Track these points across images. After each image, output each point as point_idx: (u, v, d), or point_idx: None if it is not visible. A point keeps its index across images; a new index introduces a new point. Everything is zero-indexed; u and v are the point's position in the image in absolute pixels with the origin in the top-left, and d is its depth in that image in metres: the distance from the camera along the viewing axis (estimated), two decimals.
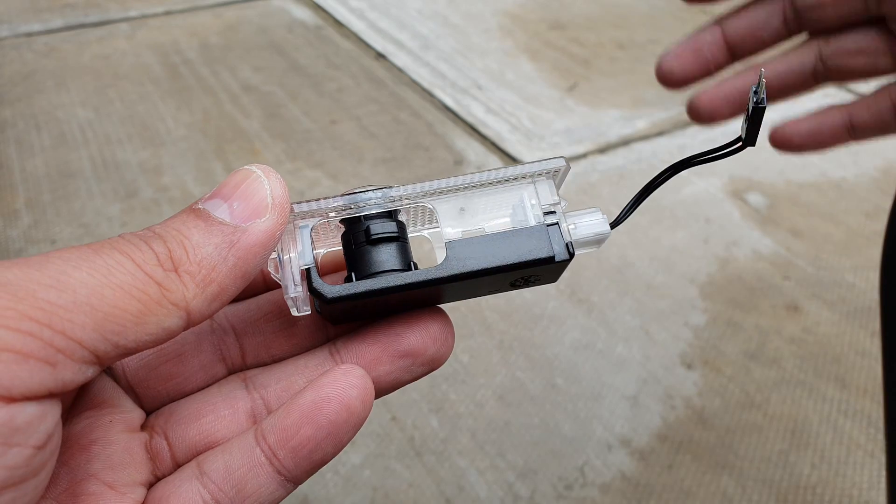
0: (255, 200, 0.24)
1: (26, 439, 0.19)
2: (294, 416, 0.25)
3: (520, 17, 2.01)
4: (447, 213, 0.28)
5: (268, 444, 0.25)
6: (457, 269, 0.27)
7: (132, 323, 0.21)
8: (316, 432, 0.25)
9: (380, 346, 0.28)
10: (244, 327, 0.29)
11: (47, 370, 0.19)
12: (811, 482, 0.82)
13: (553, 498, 0.80)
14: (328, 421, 0.25)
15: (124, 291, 0.21)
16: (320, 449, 0.25)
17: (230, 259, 0.23)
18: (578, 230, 0.29)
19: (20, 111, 1.51)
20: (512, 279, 0.28)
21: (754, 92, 0.27)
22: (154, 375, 0.28)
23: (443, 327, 0.29)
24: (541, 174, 0.28)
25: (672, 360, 0.96)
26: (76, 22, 1.93)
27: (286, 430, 0.25)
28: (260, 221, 0.24)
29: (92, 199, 1.26)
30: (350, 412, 0.25)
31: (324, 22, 1.97)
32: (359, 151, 1.41)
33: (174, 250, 0.22)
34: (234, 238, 0.23)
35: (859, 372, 0.95)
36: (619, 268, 1.12)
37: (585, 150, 1.41)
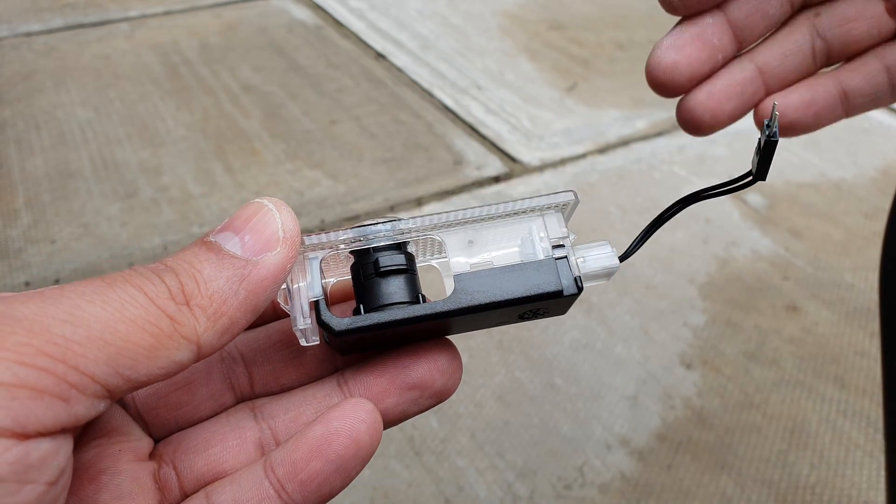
0: (266, 234, 0.24)
1: (39, 476, 0.19)
2: (303, 449, 0.25)
3: (519, 17, 2.01)
4: (456, 244, 0.28)
5: (276, 476, 0.25)
6: (465, 302, 0.27)
7: (144, 357, 0.21)
8: (325, 466, 0.25)
9: (387, 378, 0.28)
10: (253, 356, 0.29)
11: (61, 406, 0.19)
12: (810, 482, 0.82)
13: (552, 498, 0.80)
14: (337, 455, 0.25)
15: (137, 326, 0.21)
16: (328, 483, 0.25)
17: (241, 292, 0.23)
18: (587, 263, 0.29)
19: (20, 111, 1.51)
20: (520, 312, 0.28)
21: (766, 125, 0.27)
22: (163, 404, 0.28)
23: (450, 360, 0.28)
24: (549, 207, 0.28)
25: (671, 360, 0.96)
26: (76, 22, 1.93)
27: (295, 464, 0.25)
28: (271, 255, 0.24)
29: (91, 199, 1.26)
30: (359, 446, 0.25)
31: (323, 22, 1.97)
32: (358, 151, 1.41)
33: (186, 284, 0.23)
34: (246, 272, 0.23)
35: (858, 372, 0.95)
36: None
37: (585, 151, 1.41)
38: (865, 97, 0.35)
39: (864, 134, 1.50)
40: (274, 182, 1.31)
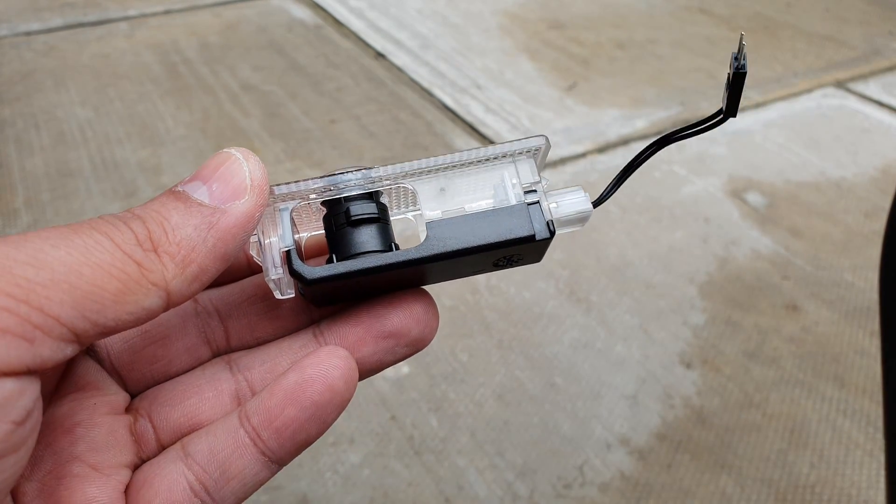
0: (234, 182, 0.24)
1: (5, 415, 0.19)
2: (278, 396, 0.25)
3: (519, 16, 2.00)
4: (428, 194, 0.28)
5: (252, 425, 0.25)
6: (437, 249, 0.26)
7: (111, 301, 0.21)
8: (300, 413, 0.25)
9: (363, 327, 0.28)
10: (228, 310, 0.29)
11: (24, 346, 0.19)
12: (810, 481, 0.82)
13: (552, 497, 0.80)
14: (312, 402, 0.25)
15: (103, 270, 0.21)
16: (304, 430, 0.25)
17: (210, 240, 0.23)
18: (560, 209, 0.28)
19: (19, 110, 1.51)
20: (494, 259, 0.28)
21: (734, 58, 0.26)
22: (139, 358, 0.28)
23: (426, 308, 0.28)
24: (521, 153, 0.28)
25: (671, 360, 0.96)
26: (75, 21, 1.92)
27: (270, 411, 0.25)
28: (239, 203, 0.24)
29: (91, 199, 1.26)
30: (333, 392, 0.25)
31: (323, 21, 1.97)
32: (358, 150, 1.41)
33: (154, 231, 0.22)
34: (214, 219, 0.23)
35: (858, 371, 0.95)
36: (618, 267, 1.12)
37: (584, 150, 1.41)
38: None
39: (864, 133, 1.50)
40: (273, 181, 1.31)
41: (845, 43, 1.91)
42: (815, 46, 1.89)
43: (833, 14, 2.10)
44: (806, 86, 1.69)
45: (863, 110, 1.59)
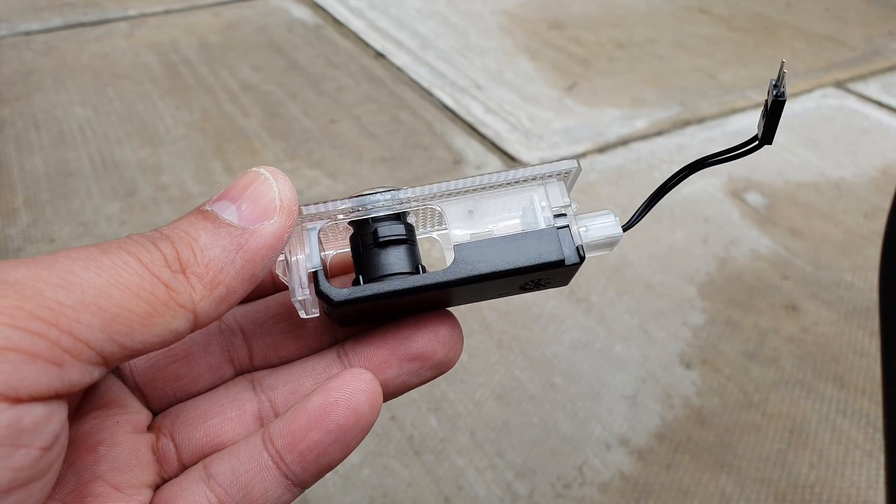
0: (263, 202, 0.24)
1: (33, 441, 0.19)
2: (302, 420, 0.25)
3: (519, 16, 2.00)
4: (456, 215, 0.28)
5: (275, 447, 0.25)
6: (465, 272, 0.26)
7: (139, 324, 0.21)
8: (324, 437, 0.25)
9: (388, 349, 0.27)
10: (252, 328, 0.29)
11: (54, 371, 0.19)
12: (809, 481, 0.82)
13: (552, 497, 0.80)
14: (336, 426, 0.25)
15: (132, 292, 0.21)
16: (328, 453, 0.25)
17: (238, 261, 0.23)
18: (590, 233, 0.28)
19: (19, 110, 1.50)
20: (521, 282, 0.28)
21: (774, 85, 0.26)
22: (162, 376, 0.28)
23: (451, 331, 0.28)
24: (551, 176, 0.28)
25: (671, 360, 0.96)
26: (75, 21, 1.92)
27: (294, 435, 0.25)
28: (268, 224, 0.23)
29: (91, 198, 1.25)
30: (358, 417, 0.25)
31: (323, 21, 1.97)
32: (358, 150, 1.41)
33: (182, 252, 0.22)
34: (243, 240, 0.23)
35: (858, 371, 0.95)
36: (617, 267, 1.12)
37: (584, 150, 1.41)
38: None
39: (864, 133, 1.50)
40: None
41: (845, 43, 1.91)
42: (814, 46, 1.89)
43: (833, 14, 2.10)
44: (805, 86, 1.69)
45: (862, 110, 1.59)
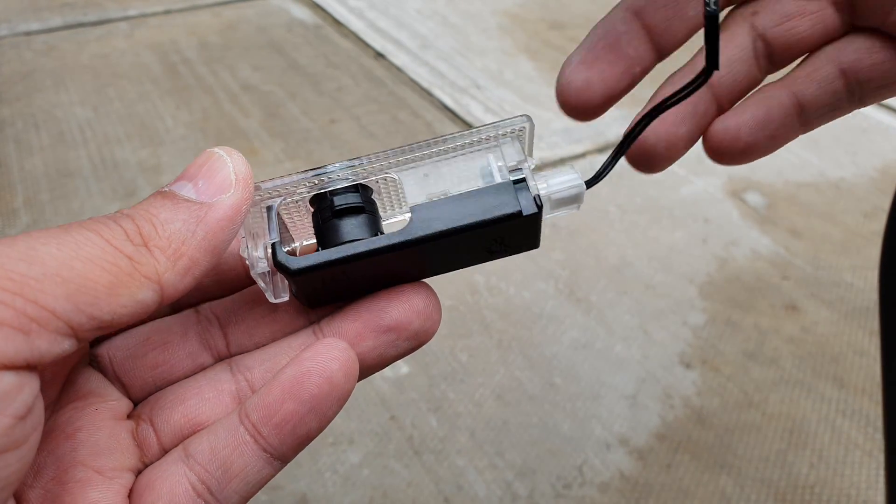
0: (219, 178, 0.25)
1: (5, 408, 0.19)
2: (276, 392, 0.25)
3: (519, 16, 2.01)
4: (413, 181, 0.28)
5: (251, 421, 0.25)
6: (421, 231, 0.26)
7: (105, 294, 0.21)
8: (299, 407, 0.25)
9: (362, 322, 0.28)
10: (227, 316, 0.29)
11: (21, 338, 0.19)
12: (809, 482, 0.82)
13: (552, 497, 0.80)
14: (310, 395, 0.25)
15: (94, 264, 0.21)
16: (304, 424, 0.25)
17: (199, 233, 0.24)
18: (550, 187, 0.28)
19: (19, 110, 1.51)
20: (485, 243, 0.28)
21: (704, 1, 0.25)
22: (140, 365, 0.28)
23: (427, 300, 0.28)
24: (505, 135, 0.28)
25: (671, 360, 0.96)
26: (75, 21, 1.92)
27: (269, 407, 0.25)
28: (225, 196, 0.24)
29: (91, 198, 1.26)
30: (332, 385, 0.25)
31: (323, 21, 1.97)
32: (358, 151, 1.41)
33: (143, 227, 0.23)
34: (202, 213, 0.24)
35: (858, 372, 0.95)
36: (617, 267, 1.12)
37: (584, 150, 1.41)
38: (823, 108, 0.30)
39: (864, 133, 1.50)
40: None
41: None
42: None
43: None
44: None
45: (862, 110, 1.59)
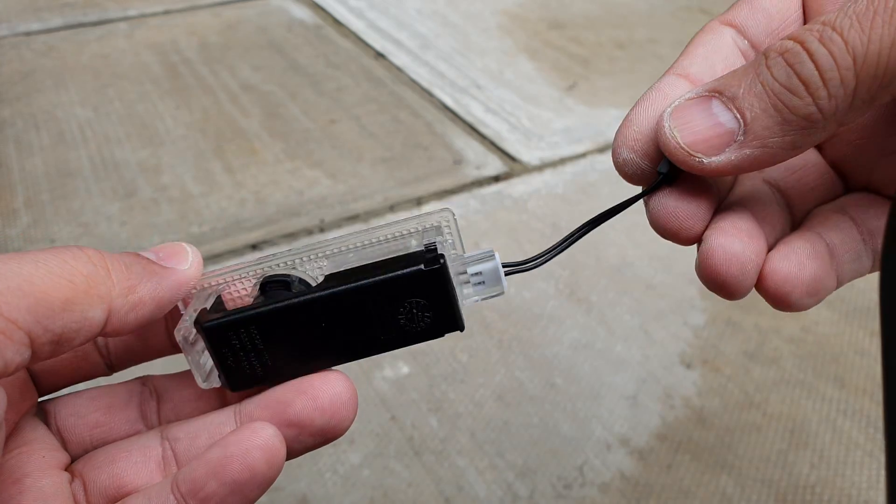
0: (178, 256, 0.27)
1: None
2: (201, 470, 0.26)
3: (519, 16, 2.00)
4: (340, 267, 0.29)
5: (181, 493, 0.26)
6: (323, 290, 0.27)
7: (60, 308, 0.23)
8: (220, 488, 0.26)
9: (270, 412, 0.28)
10: (164, 392, 0.31)
11: None
12: (810, 482, 0.82)
13: (552, 497, 0.80)
14: (231, 479, 0.26)
15: (54, 278, 0.23)
16: (226, 503, 0.26)
17: (153, 283, 0.26)
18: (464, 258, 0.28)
19: (19, 110, 1.51)
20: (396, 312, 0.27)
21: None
22: (82, 423, 0.29)
23: (334, 397, 0.28)
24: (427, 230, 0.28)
25: (671, 360, 0.96)
26: (75, 21, 1.92)
27: (195, 483, 0.26)
28: (180, 267, 0.27)
29: (91, 199, 1.26)
30: (253, 472, 0.26)
31: (323, 21, 1.97)
32: (358, 151, 1.41)
33: (107, 258, 0.25)
34: (159, 271, 0.26)
35: (858, 371, 0.95)
36: (617, 267, 1.12)
37: (584, 150, 1.41)
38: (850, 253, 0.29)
39: None
40: (273, 181, 1.31)
41: None
42: None
43: None
44: None
45: None
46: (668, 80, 0.29)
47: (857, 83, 0.22)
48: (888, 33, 0.21)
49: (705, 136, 0.26)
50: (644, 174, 0.29)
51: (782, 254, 0.28)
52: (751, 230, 0.28)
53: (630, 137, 0.28)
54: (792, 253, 0.28)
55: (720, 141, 0.25)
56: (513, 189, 1.30)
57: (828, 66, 0.23)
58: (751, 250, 0.27)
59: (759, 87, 0.24)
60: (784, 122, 0.24)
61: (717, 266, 0.27)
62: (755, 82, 0.24)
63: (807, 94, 0.23)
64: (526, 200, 1.26)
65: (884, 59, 0.22)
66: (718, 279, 0.28)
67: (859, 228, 0.29)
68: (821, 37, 0.23)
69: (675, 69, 0.29)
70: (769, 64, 0.24)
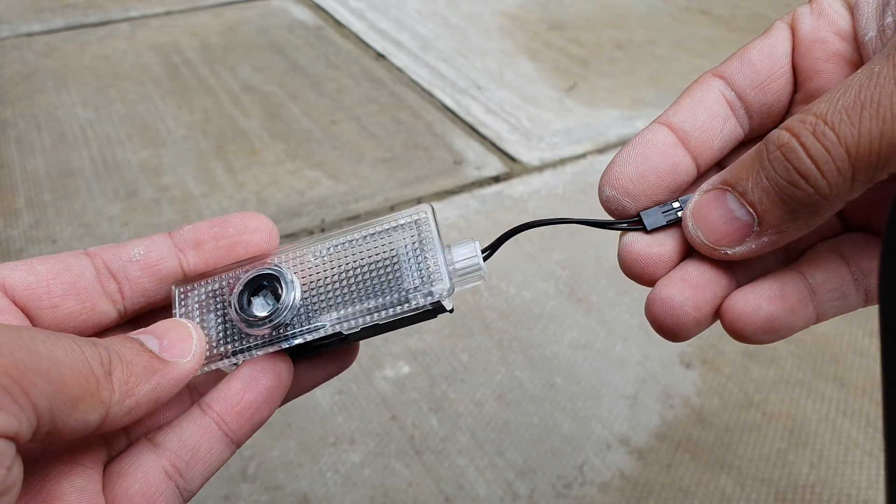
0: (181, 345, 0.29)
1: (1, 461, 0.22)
2: (237, 385, 0.30)
3: (519, 17, 2.01)
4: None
5: (215, 411, 0.29)
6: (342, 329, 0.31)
7: (70, 405, 0.23)
8: (256, 397, 0.30)
9: None
10: None
11: (11, 419, 0.21)
12: (810, 481, 0.82)
13: (552, 497, 0.80)
14: (266, 387, 0.30)
15: (74, 374, 0.24)
16: (259, 411, 0.30)
17: (151, 383, 0.27)
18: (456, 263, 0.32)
19: (21, 111, 1.51)
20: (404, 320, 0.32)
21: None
22: None
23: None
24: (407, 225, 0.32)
25: (671, 360, 0.97)
26: (77, 22, 1.93)
27: (231, 398, 0.30)
28: (182, 361, 0.28)
29: (92, 199, 1.26)
30: (280, 379, 0.30)
31: (324, 22, 1.97)
32: (358, 151, 1.41)
33: (112, 359, 0.26)
34: (160, 367, 0.27)
35: (858, 371, 0.95)
36: (617, 267, 1.12)
37: (584, 151, 1.42)
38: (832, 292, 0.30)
39: None
40: (274, 182, 1.31)
41: None
42: None
43: None
44: None
45: None
46: (653, 127, 0.32)
47: (854, 171, 0.25)
48: (876, 126, 0.24)
49: (726, 231, 0.29)
50: (625, 211, 0.32)
51: (743, 293, 0.30)
52: (703, 281, 0.30)
53: (613, 177, 0.31)
54: (752, 293, 0.30)
55: (740, 235, 0.29)
56: (513, 189, 1.30)
57: (823, 160, 0.25)
58: (691, 303, 0.30)
59: (764, 182, 0.27)
60: (793, 210, 0.27)
61: (654, 314, 0.31)
62: (760, 177, 0.27)
63: (807, 186, 0.26)
64: (526, 201, 1.27)
65: (875, 148, 0.24)
66: (655, 325, 0.31)
67: (851, 268, 0.31)
68: (814, 131, 0.25)
69: (660, 118, 0.32)
70: (770, 158, 0.26)
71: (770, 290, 0.30)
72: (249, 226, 0.32)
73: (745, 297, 0.30)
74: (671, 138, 0.31)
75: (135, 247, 0.32)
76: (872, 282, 0.31)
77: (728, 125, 0.32)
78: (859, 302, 0.31)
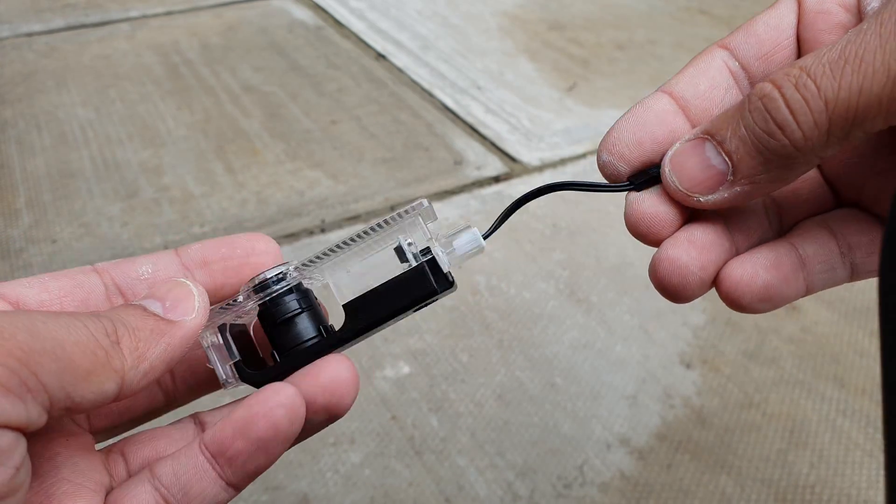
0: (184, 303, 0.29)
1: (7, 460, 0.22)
2: (228, 430, 0.28)
3: (519, 17, 2.01)
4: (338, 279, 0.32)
5: (210, 453, 0.28)
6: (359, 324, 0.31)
7: (82, 379, 0.24)
8: (247, 446, 0.28)
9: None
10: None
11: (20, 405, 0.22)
12: (810, 481, 0.82)
13: (552, 497, 0.80)
14: (257, 436, 0.28)
15: (80, 349, 0.24)
16: (253, 460, 0.28)
17: (161, 345, 0.27)
18: (456, 251, 0.32)
19: (21, 111, 1.51)
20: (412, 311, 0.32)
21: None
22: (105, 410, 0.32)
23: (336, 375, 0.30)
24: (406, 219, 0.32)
25: (671, 360, 0.97)
26: (77, 22, 1.93)
27: (223, 443, 0.28)
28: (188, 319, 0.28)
29: (92, 199, 1.26)
30: (277, 429, 0.28)
31: (324, 22, 1.97)
32: (359, 151, 1.41)
33: (118, 328, 0.26)
34: (167, 329, 0.28)
35: (858, 371, 0.95)
36: (617, 267, 1.12)
37: (584, 151, 1.42)
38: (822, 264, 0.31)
39: None
40: (274, 182, 1.31)
41: None
42: None
43: None
44: None
45: None
46: (654, 95, 0.32)
47: (830, 125, 0.25)
48: (856, 81, 0.24)
49: (700, 178, 0.29)
50: (621, 176, 0.32)
51: (740, 261, 0.31)
52: (707, 242, 0.31)
53: (610, 143, 0.32)
54: (749, 261, 0.30)
55: (713, 182, 0.29)
56: (513, 189, 1.30)
57: (801, 112, 0.25)
58: (697, 263, 0.30)
59: (742, 132, 0.27)
60: (766, 161, 0.27)
61: (660, 274, 0.31)
62: (739, 126, 0.27)
63: (783, 137, 0.26)
64: None
65: (853, 103, 0.24)
66: (660, 286, 0.31)
67: (839, 242, 0.31)
68: (796, 83, 0.25)
69: (663, 86, 0.33)
70: (750, 108, 0.27)
71: (766, 259, 0.30)
72: (257, 248, 0.32)
73: (742, 266, 0.30)
74: (671, 106, 0.32)
75: (142, 264, 0.32)
76: (858, 256, 0.31)
77: (730, 95, 0.32)
78: (845, 276, 0.32)
